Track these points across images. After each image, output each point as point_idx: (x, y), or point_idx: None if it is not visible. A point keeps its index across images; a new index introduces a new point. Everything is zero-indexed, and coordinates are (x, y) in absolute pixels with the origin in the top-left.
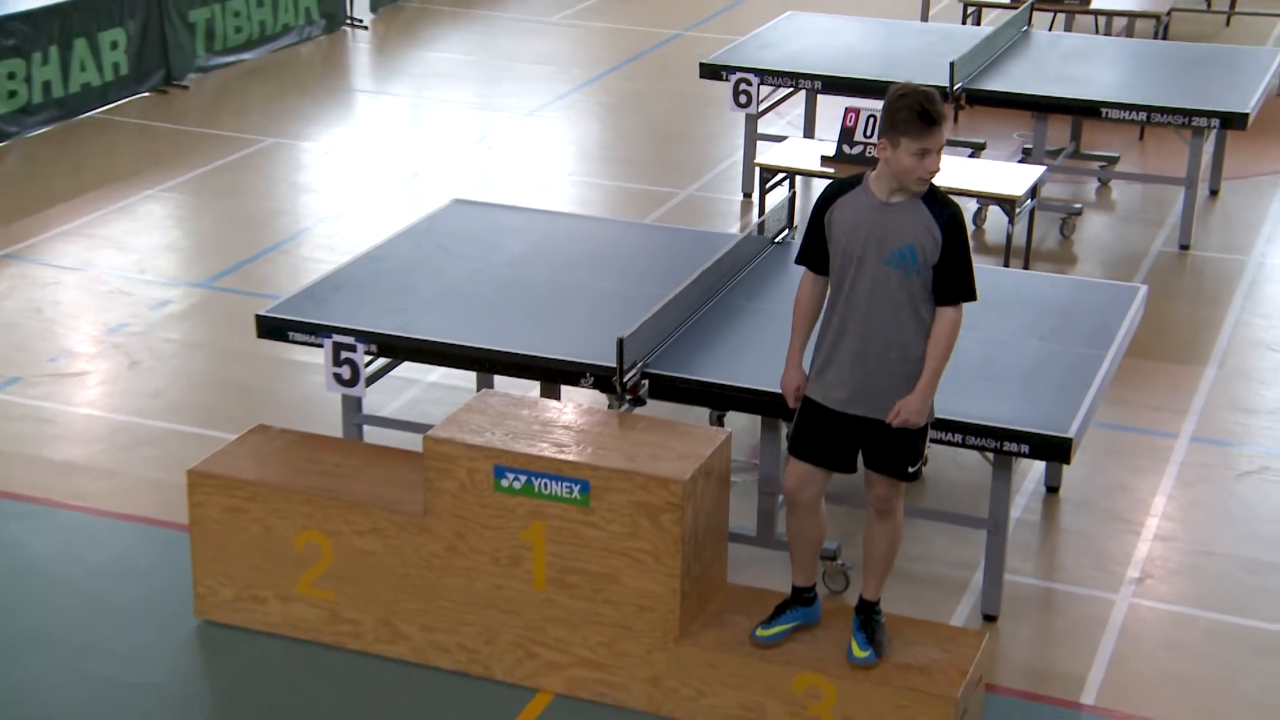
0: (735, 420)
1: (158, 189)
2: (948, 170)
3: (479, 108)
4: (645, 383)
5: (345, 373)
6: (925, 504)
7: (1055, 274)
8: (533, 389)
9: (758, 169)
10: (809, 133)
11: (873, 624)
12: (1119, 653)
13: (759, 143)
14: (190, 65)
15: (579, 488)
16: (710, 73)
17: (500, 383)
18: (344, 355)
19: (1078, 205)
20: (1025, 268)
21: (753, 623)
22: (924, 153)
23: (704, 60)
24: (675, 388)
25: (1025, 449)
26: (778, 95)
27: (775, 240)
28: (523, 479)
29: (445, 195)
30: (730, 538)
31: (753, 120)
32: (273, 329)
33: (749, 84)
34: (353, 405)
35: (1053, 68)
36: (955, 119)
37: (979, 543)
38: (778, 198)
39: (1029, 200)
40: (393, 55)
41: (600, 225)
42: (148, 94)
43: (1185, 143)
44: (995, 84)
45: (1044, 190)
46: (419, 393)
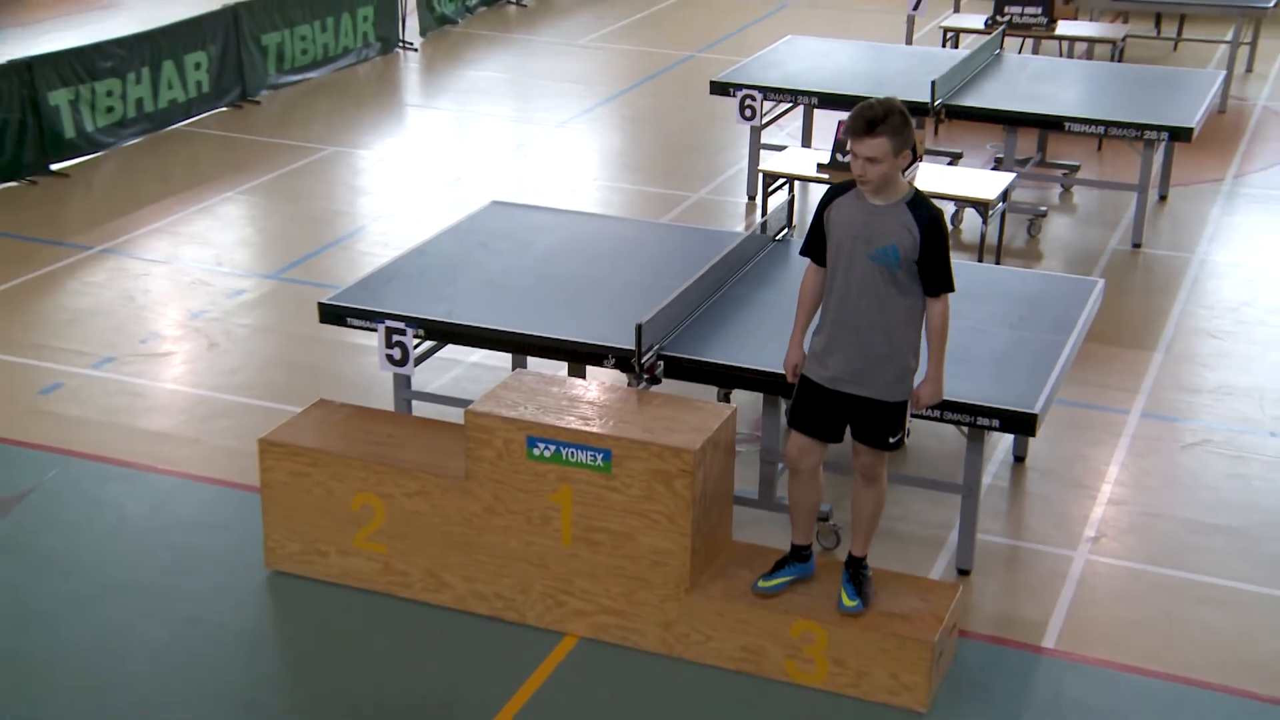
0: (740, 397)
1: (234, 192)
2: (929, 176)
3: (515, 120)
4: (661, 364)
5: (396, 354)
6: (907, 471)
7: (1023, 269)
8: (561, 369)
9: (761, 175)
10: (806, 143)
11: (860, 577)
12: (1077, 602)
13: (762, 151)
14: (263, 83)
15: (602, 456)
16: (719, 90)
17: (532, 363)
18: (395, 339)
19: (1043, 208)
20: (997, 263)
21: (755, 576)
22: (854, 156)
23: (713, 79)
24: (687, 368)
25: (996, 423)
26: (779, 109)
27: (776, 238)
28: (552, 448)
29: (484, 197)
30: (735, 500)
31: (756, 132)
32: (333, 315)
33: (753, 99)
34: (403, 383)
35: (1022, 86)
36: (936, 131)
37: (954, 506)
38: (778, 200)
39: (1000, 203)
40: (439, 74)
41: (621, 224)
42: (226, 109)
43: (1138, 153)
44: (971, 100)
45: (1014, 194)
46: (461, 372)
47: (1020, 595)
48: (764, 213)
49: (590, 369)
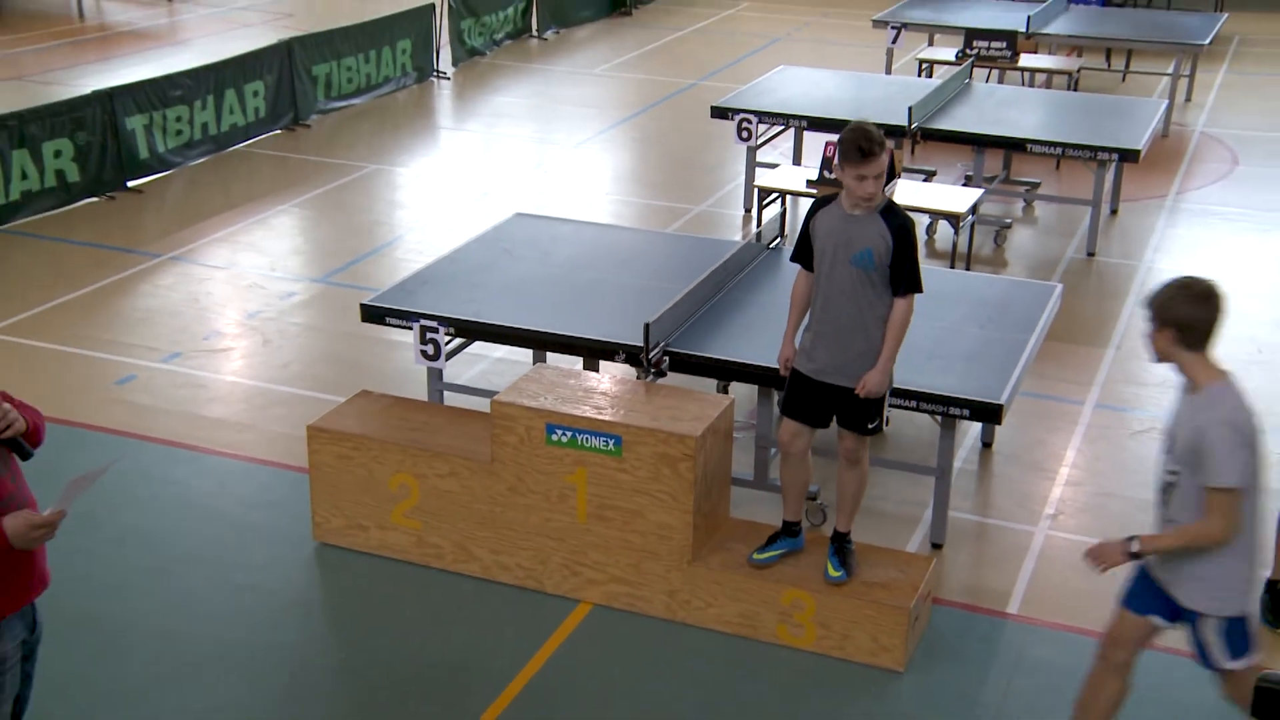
0: (737, 389)
1: (287, 205)
2: (907, 191)
3: (536, 141)
4: (666, 359)
5: (430, 349)
6: (886, 455)
7: (991, 275)
8: (577, 363)
9: (756, 189)
10: (797, 161)
11: (844, 550)
12: (1038, 573)
13: (757, 169)
14: (313, 108)
15: (614, 441)
16: (719, 114)
17: (551, 358)
18: (429, 336)
19: (1008, 220)
20: (967, 269)
21: (750, 549)
22: (861, 178)
23: (714, 104)
24: (690, 363)
25: (966, 412)
26: (772, 131)
27: (769, 246)
28: (569, 434)
29: (509, 210)
30: (732, 481)
31: (752, 151)
32: (373, 315)
33: (750, 122)
34: (435, 375)
35: (989, 112)
36: (912, 151)
37: (928, 486)
38: (772, 213)
39: (970, 216)
40: (469, 100)
41: (631, 234)
42: (280, 131)
43: (1091, 172)
44: (944, 124)
45: (982, 208)
46: (487, 366)
47: (987, 567)
48: (759, 224)
49: (603, 363)
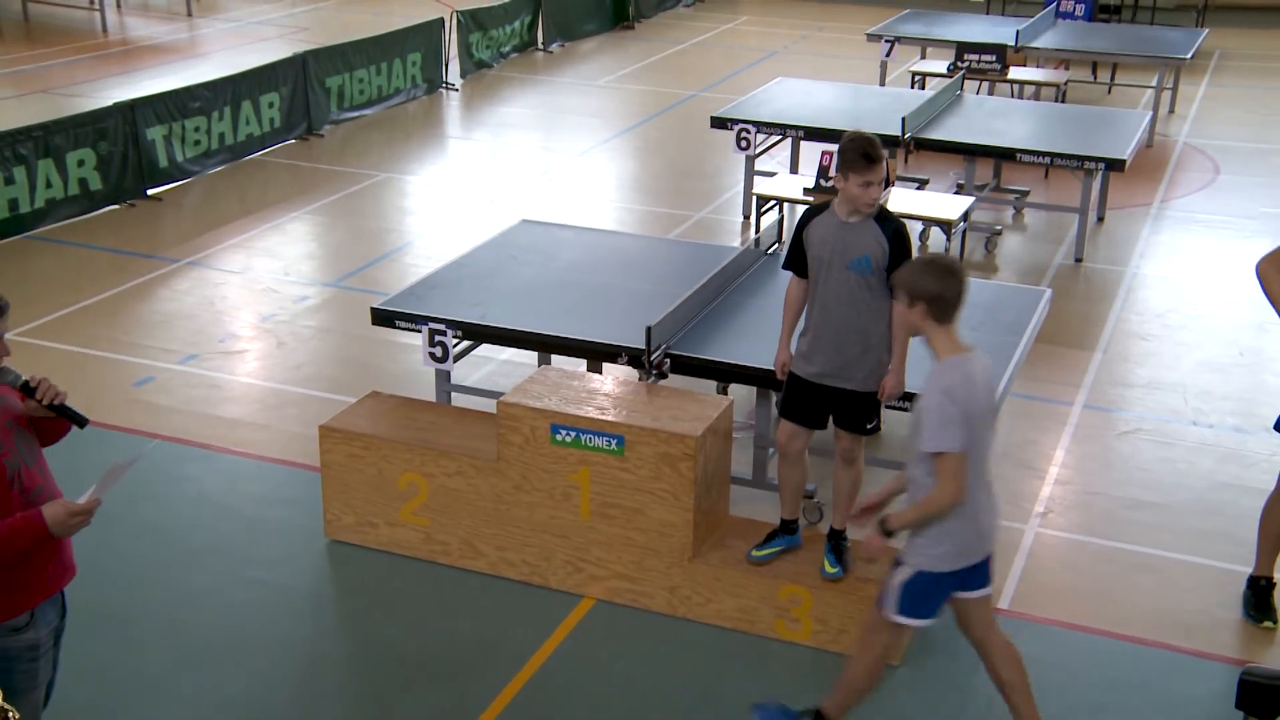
0: (736, 390)
1: (301, 212)
2: (901, 198)
3: (542, 150)
4: (667, 361)
5: (438, 352)
6: (881, 455)
7: (982, 279)
8: (580, 365)
9: (754, 197)
10: (794, 169)
11: (840, 547)
12: (1028, 569)
13: (755, 177)
14: (326, 119)
15: (616, 441)
16: (718, 124)
17: (556, 360)
18: (437, 338)
19: (999, 227)
20: None
21: (748, 546)
22: (867, 184)
23: (713, 114)
24: (690, 365)
25: None
26: (770, 141)
27: (767, 252)
28: (573, 434)
29: (515, 216)
30: (731, 480)
31: (750, 160)
32: (383, 318)
33: (748, 132)
34: (443, 377)
35: (980, 123)
36: (905, 160)
37: None
38: (770, 219)
39: (961, 223)
40: (476, 110)
41: (633, 240)
42: (294, 141)
43: (1079, 181)
44: (936, 134)
45: (973, 215)
46: (494, 367)
47: None
48: (757, 230)
49: (606, 365)
